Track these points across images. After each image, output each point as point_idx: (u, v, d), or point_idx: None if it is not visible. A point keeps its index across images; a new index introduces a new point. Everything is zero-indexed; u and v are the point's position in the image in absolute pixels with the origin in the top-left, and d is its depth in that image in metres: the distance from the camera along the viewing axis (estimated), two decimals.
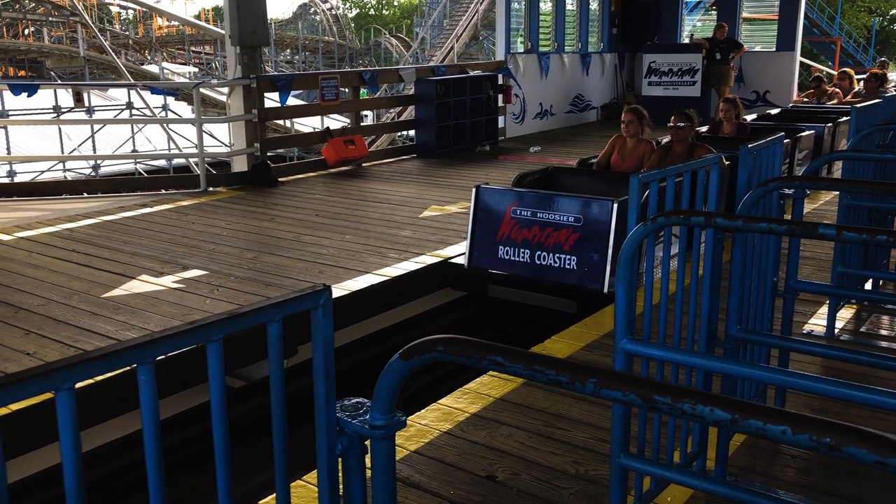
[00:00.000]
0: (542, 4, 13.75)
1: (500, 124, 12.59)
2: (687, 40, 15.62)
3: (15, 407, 3.53)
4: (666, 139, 6.62)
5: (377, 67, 25.89)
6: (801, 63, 15.90)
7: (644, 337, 2.54)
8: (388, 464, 1.46)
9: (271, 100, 10.17)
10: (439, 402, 3.69)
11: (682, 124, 6.13)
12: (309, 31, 46.86)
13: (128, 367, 1.19)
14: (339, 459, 1.52)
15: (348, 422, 1.48)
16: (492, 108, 12.07)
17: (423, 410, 3.60)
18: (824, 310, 4.56)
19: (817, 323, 4.55)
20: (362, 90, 11.88)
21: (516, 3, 13.21)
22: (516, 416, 3.52)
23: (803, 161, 8.18)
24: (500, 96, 12.37)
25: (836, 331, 4.40)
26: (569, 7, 14.41)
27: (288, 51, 45.08)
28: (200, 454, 4.11)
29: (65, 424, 1.07)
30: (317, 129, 12.09)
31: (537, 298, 5.62)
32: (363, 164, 10.61)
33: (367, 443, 1.51)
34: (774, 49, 14.88)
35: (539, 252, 5.38)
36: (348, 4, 65.41)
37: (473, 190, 5.66)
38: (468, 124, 11.57)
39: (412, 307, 6.02)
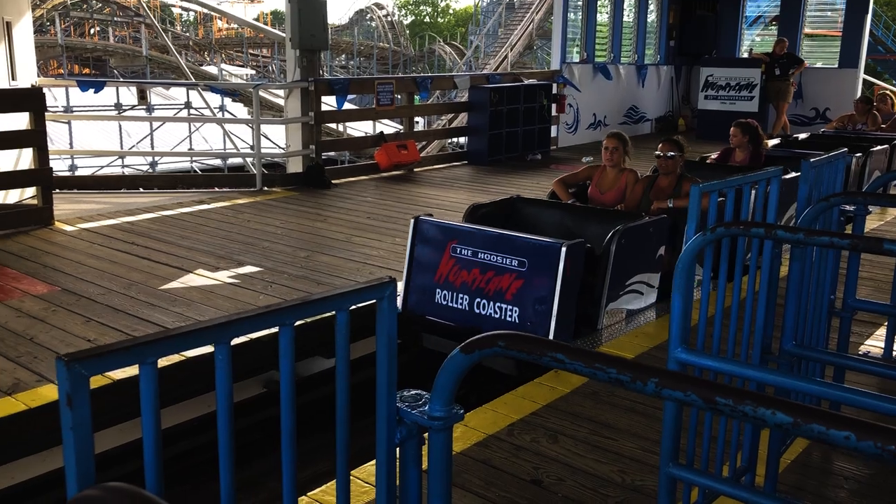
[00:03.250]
0: (599, 15, 13.72)
1: (553, 133, 12.57)
2: (746, 54, 15.40)
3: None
4: (645, 170, 5.99)
5: (432, 74, 26.01)
6: (865, 81, 15.53)
7: (698, 348, 2.53)
8: (445, 454, 1.50)
9: (327, 104, 10.33)
10: (486, 405, 3.72)
11: (672, 154, 5.42)
12: (364, 37, 47.39)
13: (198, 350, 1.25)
14: (398, 449, 1.56)
15: (408, 412, 1.51)
16: (545, 116, 12.07)
17: (468, 413, 3.63)
18: (882, 331, 4.46)
19: (874, 344, 4.45)
20: (416, 96, 11.98)
21: (573, 14, 13.19)
22: (563, 423, 3.52)
23: (852, 185, 7.83)
24: (554, 105, 12.36)
25: (895, 353, 4.30)
26: (626, 18, 14.35)
27: (343, 56, 45.62)
28: (255, 444, 4.21)
29: (147, 397, 1.13)
30: (369, 134, 12.24)
31: None
32: (414, 169, 10.70)
33: (425, 435, 1.55)
34: (837, 66, 14.59)
35: (479, 299, 4.52)
36: (404, 11, 65.95)
37: (411, 222, 4.87)
38: (520, 132, 11.59)
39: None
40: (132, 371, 3.94)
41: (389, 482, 1.53)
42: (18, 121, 7.80)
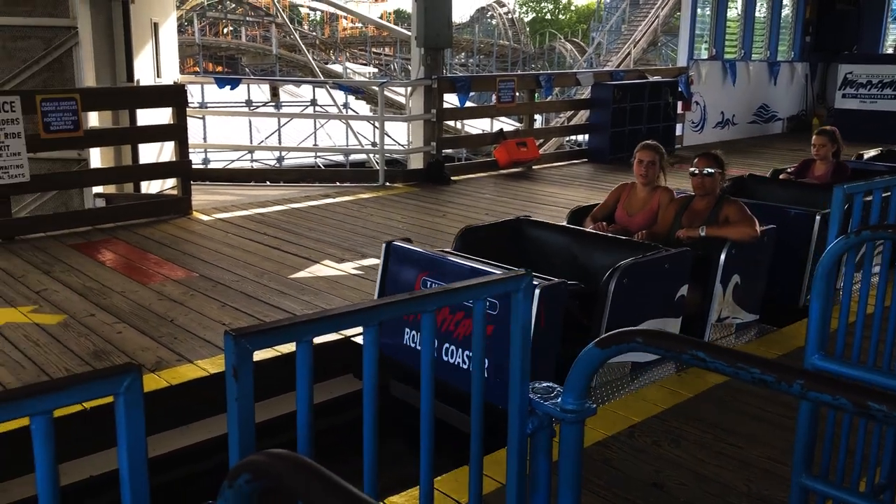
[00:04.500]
0: (729, 10, 13.24)
1: (678, 132, 12.25)
2: (891, 50, 14.49)
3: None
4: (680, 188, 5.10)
5: (553, 71, 25.78)
6: None
7: (836, 355, 2.43)
8: (577, 447, 1.51)
9: (448, 102, 10.45)
10: (605, 405, 3.69)
11: (710, 170, 4.53)
12: (484, 35, 47.55)
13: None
14: (529, 440, 1.58)
15: (540, 403, 1.54)
16: (670, 114, 11.78)
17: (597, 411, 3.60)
18: None
19: None
20: (536, 93, 11.96)
21: (702, 9, 12.80)
22: (686, 427, 3.45)
23: None
24: (679, 103, 12.04)
25: None
26: (759, 14, 13.79)
27: (463, 54, 45.96)
28: (334, 447, 4.20)
29: (302, 373, 1.20)
30: (486, 132, 12.29)
31: (440, 409, 3.97)
32: (533, 167, 10.68)
33: (557, 427, 1.56)
34: None
35: (447, 344, 3.76)
36: (525, 8, 65.75)
37: (383, 247, 4.26)
38: (644, 130, 11.34)
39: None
40: (265, 355, 4.10)
41: (520, 471, 1.56)
42: (161, 115, 8.31)
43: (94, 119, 7.77)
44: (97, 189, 8.04)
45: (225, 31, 42.68)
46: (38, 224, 6.93)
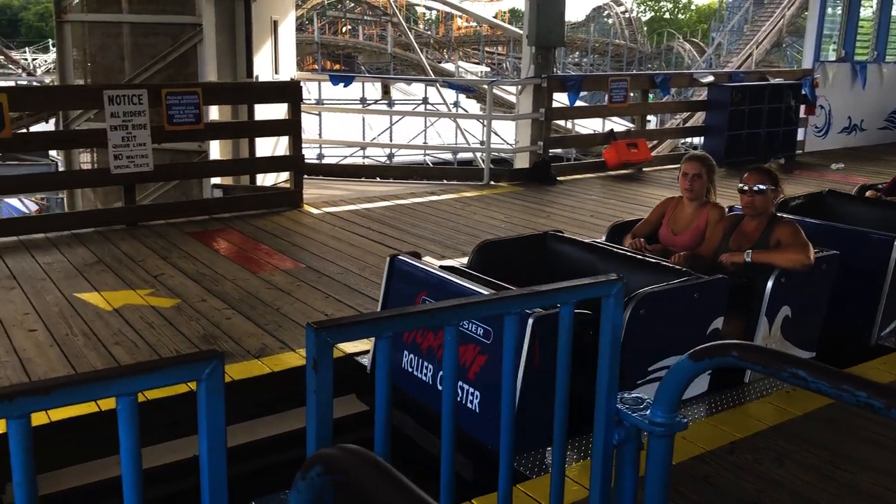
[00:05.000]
0: (863, 10, 12.52)
1: (800, 136, 11.68)
2: None
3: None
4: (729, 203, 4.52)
5: (668, 71, 25.09)
6: None
7: None
8: (665, 461, 1.45)
9: (558, 101, 10.34)
10: (705, 419, 3.55)
11: (761, 187, 3.99)
12: (600, 34, 46.83)
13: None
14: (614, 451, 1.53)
15: (628, 414, 1.48)
16: (791, 118, 11.23)
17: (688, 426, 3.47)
18: None
19: None
20: (650, 94, 11.66)
21: (832, 8, 12.16)
22: (792, 448, 3.27)
23: None
24: (803, 107, 11.48)
25: None
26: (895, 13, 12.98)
27: (577, 53, 45.40)
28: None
29: (381, 369, 1.20)
30: (597, 132, 12.10)
31: (433, 443, 3.30)
32: (644, 169, 10.42)
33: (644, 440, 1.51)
34: None
35: (441, 372, 3.32)
36: (643, 8, 64.31)
37: (387, 261, 3.93)
38: (763, 134, 10.88)
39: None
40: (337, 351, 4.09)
41: (604, 482, 1.51)
42: (278, 111, 8.59)
43: (214, 112, 8.12)
44: (215, 180, 8.40)
45: (343, 29, 43.77)
46: (159, 211, 7.30)
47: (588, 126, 18.47)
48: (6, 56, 33.87)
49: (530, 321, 2.96)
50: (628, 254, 4.02)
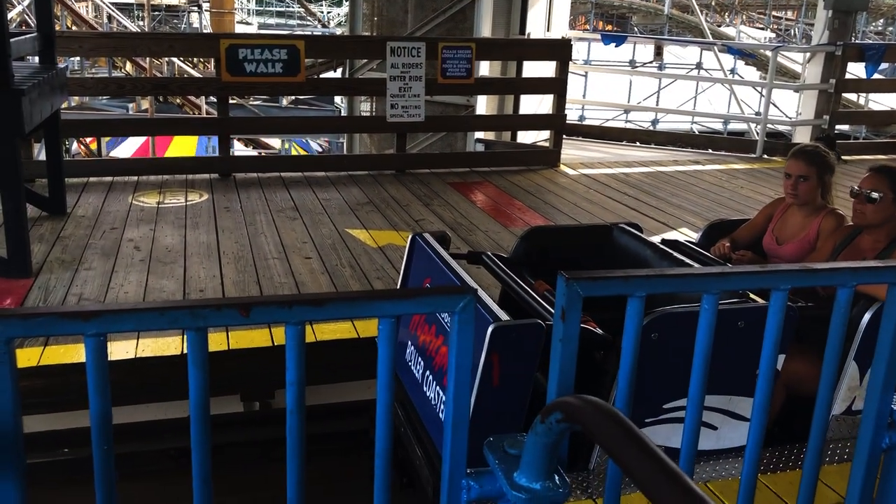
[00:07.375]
0: None
1: None
2: None
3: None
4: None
5: None
6: None
7: None
8: None
9: (851, 73, 9.32)
10: None
11: (875, 195, 3.07)
12: None
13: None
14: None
15: None
16: None
17: None
18: None
19: None
20: None
21: None
22: None
23: None
24: None
25: None
26: None
27: (881, 20, 40.50)
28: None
29: (630, 328, 1.18)
30: (895, 109, 10.76)
31: (410, 450, 2.97)
32: None
33: None
34: None
35: (427, 372, 2.88)
36: None
37: (408, 239, 3.43)
38: None
39: (342, 390, 4.10)
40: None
41: (864, 486, 1.37)
42: (546, 69, 8.62)
43: (484, 68, 8.33)
44: (478, 134, 8.66)
45: None
46: (425, 161, 7.70)
47: (883, 102, 16.49)
48: (306, 9, 37.25)
49: (489, 330, 2.33)
50: (687, 260, 3.22)
